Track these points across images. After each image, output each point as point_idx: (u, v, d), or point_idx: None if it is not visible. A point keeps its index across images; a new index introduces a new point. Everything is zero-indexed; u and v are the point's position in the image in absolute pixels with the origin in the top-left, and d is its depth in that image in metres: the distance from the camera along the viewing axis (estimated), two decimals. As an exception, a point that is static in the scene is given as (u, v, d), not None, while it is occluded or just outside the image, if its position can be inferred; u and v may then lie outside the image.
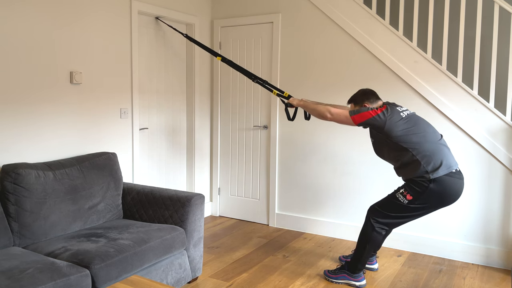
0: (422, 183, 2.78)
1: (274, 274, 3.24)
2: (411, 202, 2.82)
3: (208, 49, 3.76)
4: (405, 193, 2.84)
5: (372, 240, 2.98)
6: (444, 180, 2.75)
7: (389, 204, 2.93)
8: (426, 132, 2.81)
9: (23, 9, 2.84)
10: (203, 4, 4.51)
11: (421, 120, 2.88)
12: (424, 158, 2.75)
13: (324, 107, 2.96)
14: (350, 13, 3.84)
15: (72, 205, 2.83)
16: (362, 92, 3.01)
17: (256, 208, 4.54)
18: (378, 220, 2.96)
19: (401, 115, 2.82)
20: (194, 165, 4.51)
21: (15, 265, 2.17)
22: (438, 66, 3.52)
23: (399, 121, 2.78)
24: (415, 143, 2.76)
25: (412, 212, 2.87)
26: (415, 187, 2.80)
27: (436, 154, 2.76)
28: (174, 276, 2.81)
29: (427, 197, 2.79)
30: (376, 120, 2.78)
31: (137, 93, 3.77)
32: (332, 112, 2.91)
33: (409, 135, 2.77)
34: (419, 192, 2.79)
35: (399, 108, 2.87)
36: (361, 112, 2.82)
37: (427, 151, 2.76)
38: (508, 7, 3.25)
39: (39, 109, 2.98)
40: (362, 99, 2.96)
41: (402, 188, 2.88)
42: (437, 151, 2.77)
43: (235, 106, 4.58)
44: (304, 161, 4.19)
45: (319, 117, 3.00)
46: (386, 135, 2.81)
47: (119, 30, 3.55)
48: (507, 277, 3.25)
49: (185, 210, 2.97)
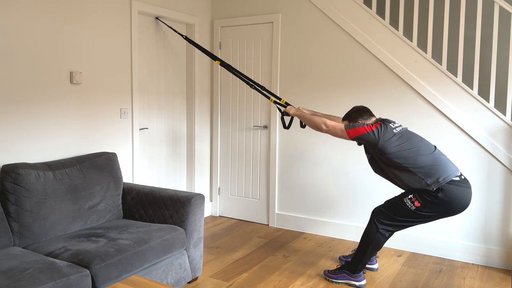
0: (430, 192, 2.78)
1: (274, 274, 3.24)
2: (419, 209, 2.82)
3: (207, 52, 3.76)
4: (413, 199, 2.83)
5: (375, 242, 2.98)
6: (451, 189, 2.75)
7: (396, 207, 2.92)
8: (419, 147, 2.82)
9: (23, 9, 2.84)
10: (203, 4, 4.51)
11: (413, 136, 2.89)
12: (422, 171, 2.77)
13: (320, 119, 2.98)
14: (350, 13, 3.84)
15: (72, 205, 2.83)
16: (356, 109, 3.03)
17: (256, 208, 4.54)
18: (383, 222, 2.96)
19: (394, 132, 2.83)
20: (194, 165, 4.51)
21: (15, 265, 2.17)
22: (438, 66, 3.52)
23: (392, 138, 2.80)
24: (409, 158, 2.78)
25: (418, 219, 2.87)
26: (425, 195, 2.80)
27: (433, 165, 2.77)
28: (174, 276, 2.81)
29: (435, 206, 2.79)
30: (369, 136, 2.80)
31: (137, 93, 3.77)
32: (328, 124, 2.93)
33: (402, 151, 2.79)
34: (428, 200, 2.79)
35: (392, 124, 2.89)
36: (356, 127, 2.84)
37: (423, 164, 2.77)
38: (508, 7, 3.25)
39: (39, 109, 2.99)
40: (356, 116, 2.98)
41: (411, 194, 2.86)
42: (433, 161, 2.79)
43: (235, 106, 4.58)
44: (304, 161, 4.19)
45: (314, 129, 3.02)
46: (380, 152, 2.83)
47: (119, 30, 3.55)
48: (507, 277, 3.25)
49: (185, 210, 2.97)
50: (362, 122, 2.92)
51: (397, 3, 4.00)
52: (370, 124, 2.86)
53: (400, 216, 2.90)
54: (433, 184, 2.75)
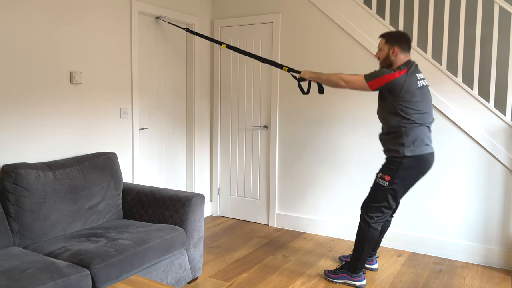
0: (395, 160, 2.86)
1: (274, 274, 3.24)
2: (391, 183, 2.88)
3: (211, 39, 3.77)
4: (383, 176, 2.92)
5: (369, 238, 2.99)
6: (416, 156, 2.84)
7: (376, 194, 2.97)
8: (425, 114, 2.84)
9: (23, 9, 2.84)
10: (203, 4, 4.51)
11: (428, 98, 2.89)
12: (408, 134, 2.81)
13: (337, 75, 2.92)
14: (350, 13, 3.84)
15: (72, 205, 2.83)
16: (400, 34, 2.91)
17: (256, 208, 4.54)
18: (373, 216, 2.98)
19: (418, 84, 2.80)
20: (194, 165, 4.51)
21: (15, 265, 2.17)
22: (438, 66, 3.52)
23: (415, 91, 2.78)
24: (411, 118, 2.80)
25: (396, 193, 2.92)
26: (389, 165, 2.89)
27: (419, 136, 2.83)
28: (174, 276, 2.81)
29: (403, 173, 2.86)
30: (396, 83, 2.74)
31: (137, 93, 3.77)
32: (346, 79, 2.86)
33: (412, 109, 2.78)
34: (394, 169, 2.87)
35: (418, 75, 2.84)
36: (379, 77, 2.77)
37: (414, 130, 2.81)
38: (508, 7, 3.25)
39: (39, 109, 2.98)
40: (395, 42, 2.87)
41: (380, 173, 2.95)
42: (421, 133, 2.84)
43: (235, 106, 4.58)
44: (304, 161, 4.19)
45: (333, 86, 2.96)
46: (395, 99, 2.80)
47: (119, 30, 3.55)
48: (507, 277, 3.25)
49: (185, 210, 2.97)
50: (397, 53, 2.84)
51: (397, 3, 4.00)
52: (393, 71, 2.77)
53: (383, 201, 2.94)
54: (406, 148, 2.81)
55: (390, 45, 2.87)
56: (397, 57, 2.86)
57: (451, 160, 3.53)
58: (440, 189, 3.59)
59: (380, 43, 2.96)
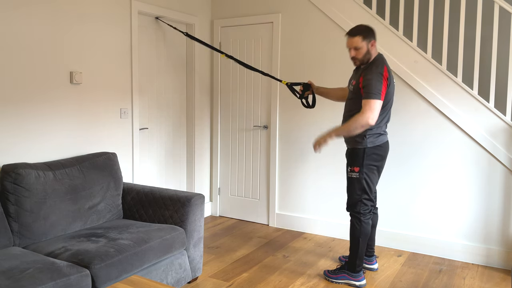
0: (357, 150, 2.95)
1: (274, 274, 3.24)
2: (361, 172, 2.95)
3: (210, 47, 3.77)
4: (352, 168, 3.00)
5: (363, 233, 3.01)
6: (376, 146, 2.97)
7: (353, 188, 3.02)
8: (389, 106, 2.95)
9: (23, 10, 2.84)
10: (203, 4, 4.51)
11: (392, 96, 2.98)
12: (372, 127, 2.90)
13: (354, 122, 2.80)
14: (350, 13, 3.84)
15: (72, 205, 2.83)
16: (367, 26, 2.94)
17: (256, 208, 4.54)
18: (361, 211, 3.01)
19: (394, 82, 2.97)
20: (194, 165, 4.51)
21: (15, 265, 2.17)
22: (438, 66, 3.52)
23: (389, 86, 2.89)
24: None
25: (370, 180, 2.98)
26: (354, 156, 2.98)
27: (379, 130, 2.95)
28: (174, 276, 2.81)
29: (368, 159, 2.94)
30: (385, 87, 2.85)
31: (137, 93, 3.77)
32: (365, 117, 2.77)
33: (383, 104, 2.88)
34: (359, 157, 2.95)
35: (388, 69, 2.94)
36: (381, 91, 2.80)
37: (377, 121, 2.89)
38: (508, 7, 3.25)
39: (39, 109, 2.99)
40: (371, 35, 2.90)
41: (348, 167, 3.03)
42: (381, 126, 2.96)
43: (235, 106, 4.58)
44: (304, 161, 4.19)
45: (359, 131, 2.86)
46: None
47: (119, 30, 3.55)
48: (507, 277, 3.25)
49: (185, 210, 2.97)
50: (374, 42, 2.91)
51: (397, 3, 4.00)
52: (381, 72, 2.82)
53: (362, 192, 2.99)
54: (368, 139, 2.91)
55: (368, 40, 2.91)
56: (373, 48, 2.94)
57: (451, 160, 3.53)
58: (440, 189, 3.59)
59: (355, 42, 2.89)
